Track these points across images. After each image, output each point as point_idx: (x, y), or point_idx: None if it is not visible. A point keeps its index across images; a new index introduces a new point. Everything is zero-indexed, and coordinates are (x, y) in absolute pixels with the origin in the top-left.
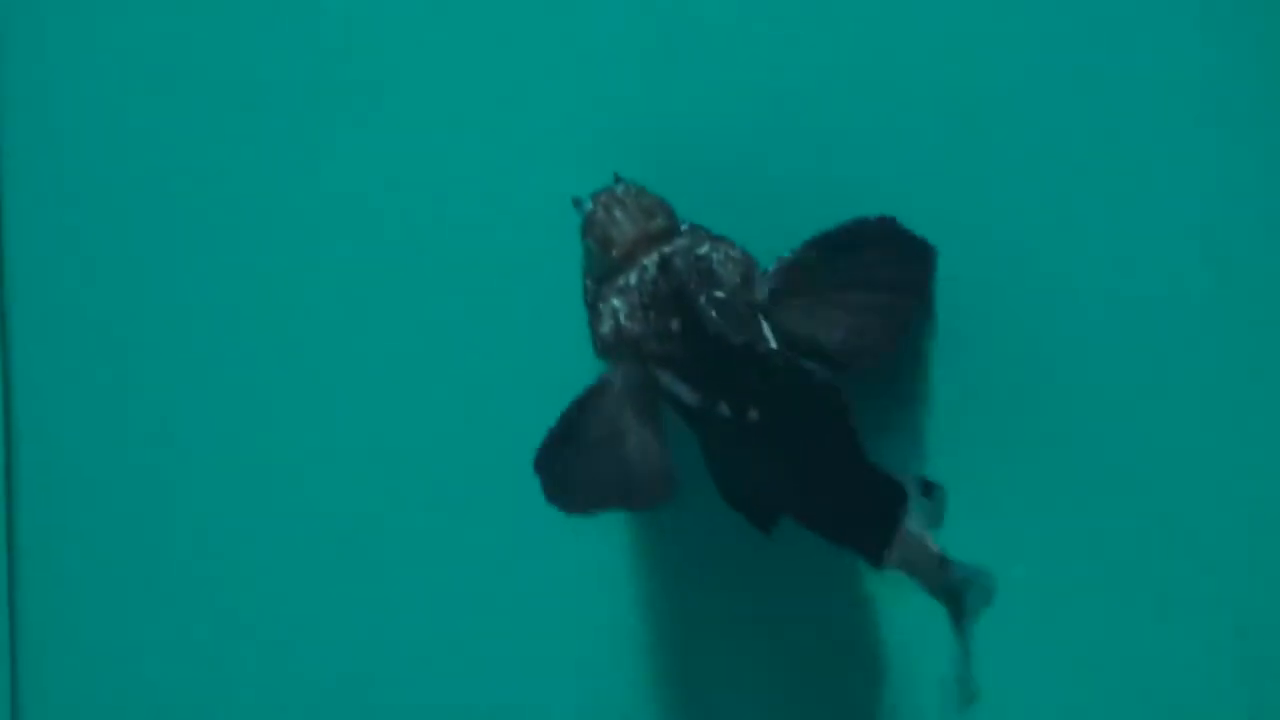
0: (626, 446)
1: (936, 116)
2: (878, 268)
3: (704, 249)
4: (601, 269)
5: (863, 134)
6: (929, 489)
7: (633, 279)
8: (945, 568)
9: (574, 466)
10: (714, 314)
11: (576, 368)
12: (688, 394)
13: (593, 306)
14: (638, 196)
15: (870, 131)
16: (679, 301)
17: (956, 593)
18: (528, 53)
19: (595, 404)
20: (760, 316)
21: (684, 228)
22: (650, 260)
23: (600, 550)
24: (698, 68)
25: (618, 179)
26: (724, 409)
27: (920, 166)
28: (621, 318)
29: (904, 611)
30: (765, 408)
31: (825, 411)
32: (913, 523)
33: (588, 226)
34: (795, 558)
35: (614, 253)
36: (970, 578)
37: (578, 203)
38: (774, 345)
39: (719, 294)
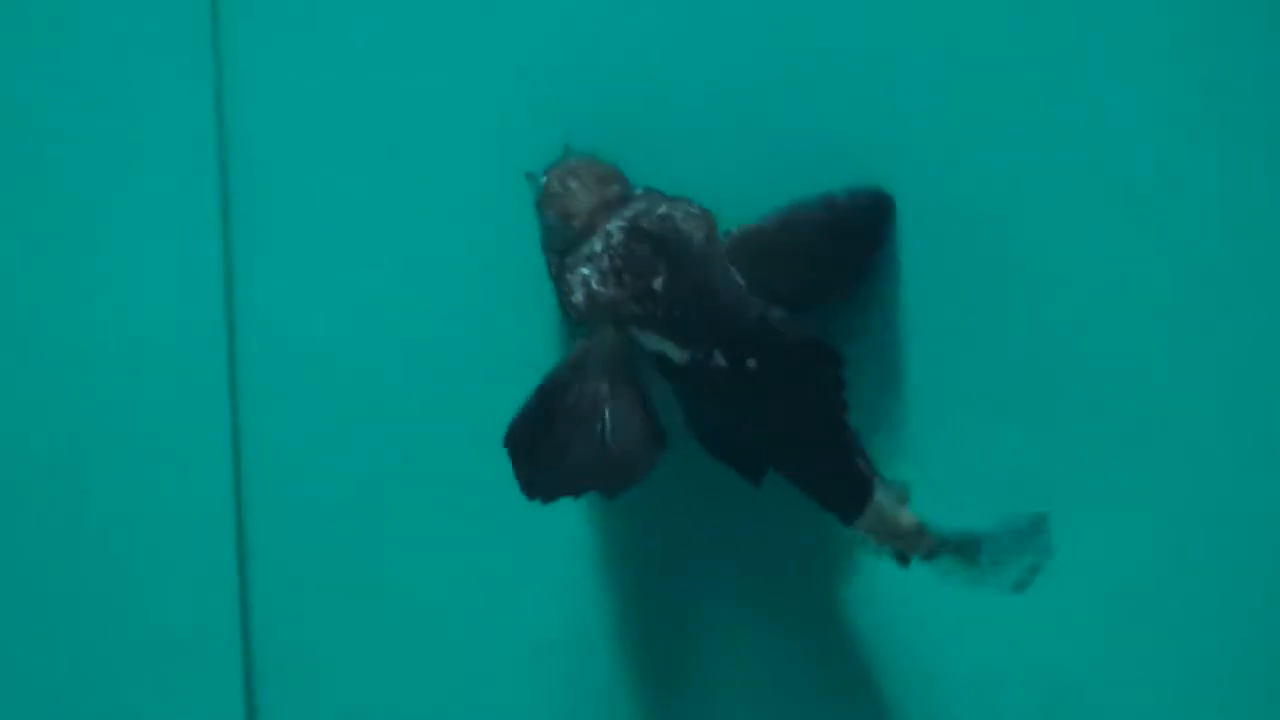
0: (605, 419)
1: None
2: (834, 224)
3: (663, 209)
4: (563, 241)
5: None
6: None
7: (598, 245)
8: (924, 536)
9: (548, 447)
10: (697, 268)
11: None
12: (674, 351)
13: (559, 279)
14: (591, 165)
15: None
16: (662, 258)
17: (947, 556)
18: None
19: (570, 376)
20: (732, 269)
21: (638, 191)
22: (614, 225)
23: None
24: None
25: (568, 150)
26: (719, 359)
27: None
28: (594, 284)
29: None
30: (762, 358)
31: (818, 370)
32: (883, 495)
33: (544, 200)
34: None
35: (574, 223)
36: (964, 542)
37: (531, 177)
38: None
39: (694, 248)
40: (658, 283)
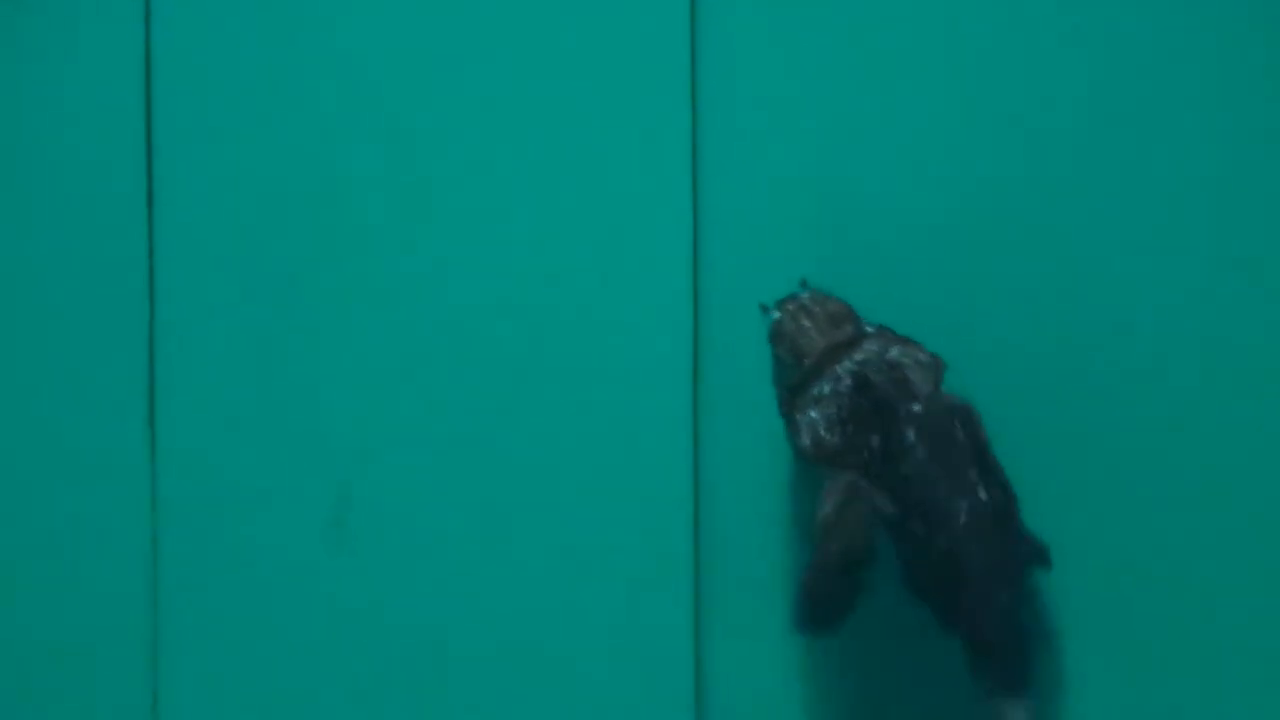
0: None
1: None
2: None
3: (894, 353)
4: (793, 378)
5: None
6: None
7: (826, 389)
8: None
9: (832, 592)
10: (912, 433)
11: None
12: (886, 504)
13: (789, 418)
14: (824, 303)
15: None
16: (879, 417)
17: None
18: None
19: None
20: (958, 423)
21: (870, 330)
22: (844, 369)
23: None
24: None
25: (804, 284)
26: (918, 526)
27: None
28: (820, 430)
29: None
30: (950, 541)
31: (1009, 532)
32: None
33: (777, 336)
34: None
35: (805, 362)
36: None
37: (766, 310)
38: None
39: (916, 408)
40: (875, 441)
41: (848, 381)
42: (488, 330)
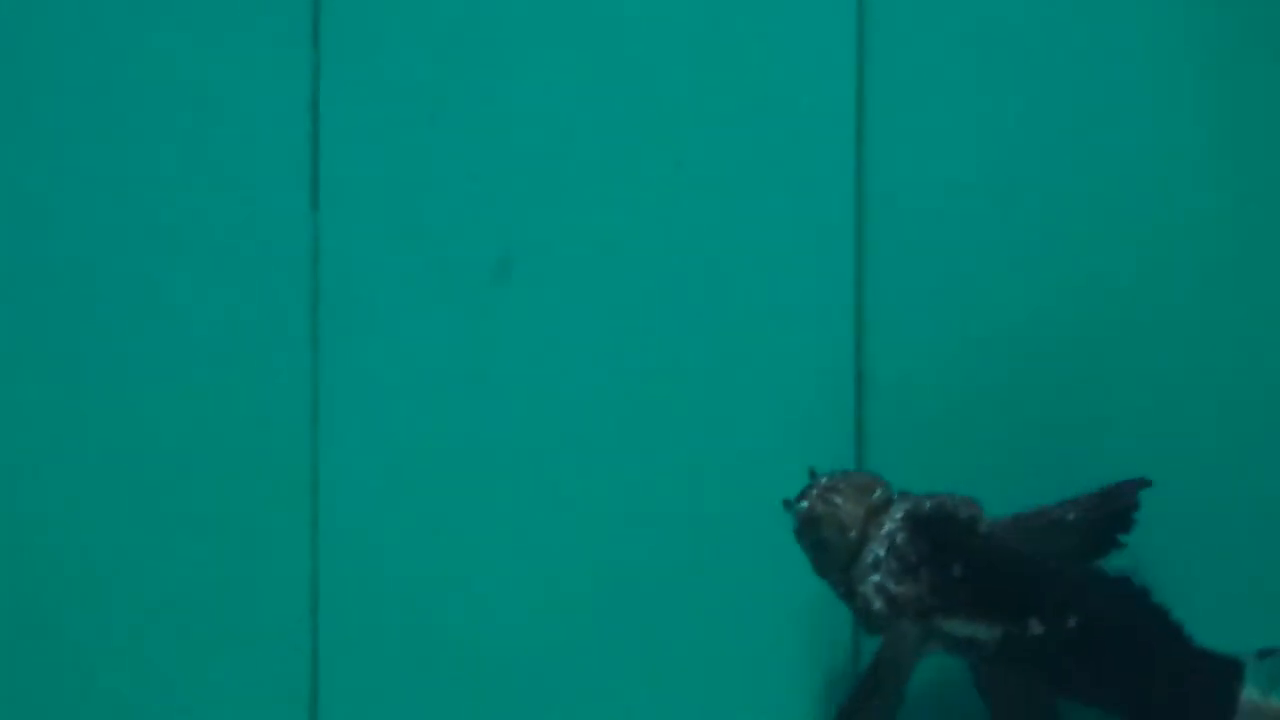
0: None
1: None
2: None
3: (929, 505)
4: (843, 554)
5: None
6: (1266, 654)
7: (880, 550)
8: None
9: None
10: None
11: None
12: (984, 631)
13: (851, 594)
14: (848, 477)
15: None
16: (952, 543)
17: None
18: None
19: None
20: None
21: (896, 495)
22: (891, 526)
23: None
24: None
25: (814, 474)
26: (1036, 627)
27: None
28: (891, 587)
29: None
30: (1081, 614)
31: (1140, 608)
32: (1250, 691)
33: (810, 523)
34: None
35: (851, 534)
36: None
37: (789, 505)
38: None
39: (983, 527)
40: (957, 568)
41: (903, 533)
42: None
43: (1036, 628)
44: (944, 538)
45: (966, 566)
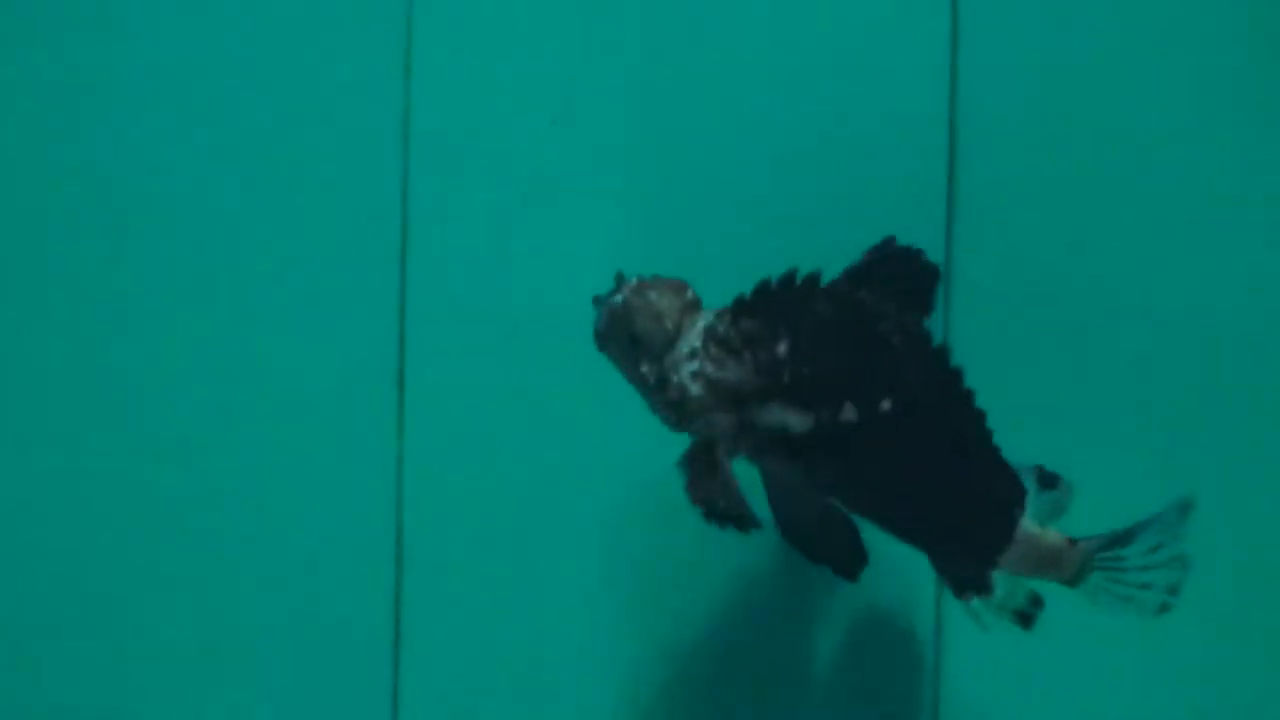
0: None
1: None
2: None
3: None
4: (659, 346)
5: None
6: (1049, 480)
7: (697, 342)
8: (1075, 549)
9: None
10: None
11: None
12: (797, 421)
13: (663, 383)
14: (656, 279)
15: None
16: (780, 322)
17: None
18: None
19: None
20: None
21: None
22: (709, 318)
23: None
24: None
25: (620, 276)
26: (850, 412)
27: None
28: (711, 371)
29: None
30: (896, 396)
31: (954, 393)
32: (1029, 523)
33: (627, 314)
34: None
35: (667, 324)
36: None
37: (600, 300)
38: None
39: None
40: (783, 346)
41: (726, 319)
42: None
43: (850, 413)
44: (770, 317)
45: (794, 339)
